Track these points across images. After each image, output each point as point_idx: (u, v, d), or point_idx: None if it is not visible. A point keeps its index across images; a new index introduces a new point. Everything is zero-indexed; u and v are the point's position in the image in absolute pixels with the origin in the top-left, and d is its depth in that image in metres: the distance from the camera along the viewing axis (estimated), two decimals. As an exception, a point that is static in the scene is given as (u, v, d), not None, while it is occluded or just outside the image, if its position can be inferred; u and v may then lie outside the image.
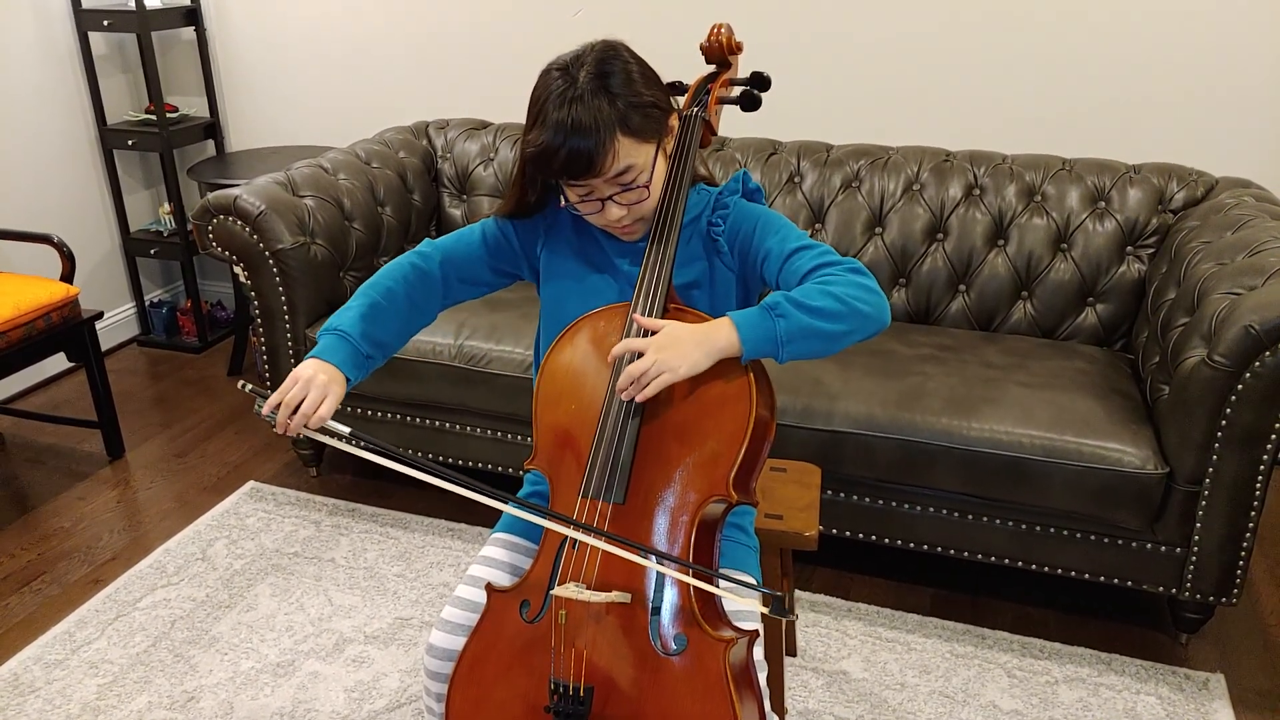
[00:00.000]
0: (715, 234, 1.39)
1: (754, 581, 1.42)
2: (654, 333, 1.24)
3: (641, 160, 1.28)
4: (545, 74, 1.29)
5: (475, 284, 1.48)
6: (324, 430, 1.28)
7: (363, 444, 1.28)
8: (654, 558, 1.22)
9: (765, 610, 1.18)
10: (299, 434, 1.28)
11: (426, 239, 1.48)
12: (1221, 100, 2.59)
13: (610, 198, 1.30)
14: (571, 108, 1.23)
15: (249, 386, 1.30)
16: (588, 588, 1.23)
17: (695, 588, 1.23)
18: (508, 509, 1.31)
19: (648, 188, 1.30)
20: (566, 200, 1.33)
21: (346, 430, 1.29)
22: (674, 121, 1.35)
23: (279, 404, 1.27)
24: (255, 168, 3.14)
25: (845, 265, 1.28)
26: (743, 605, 1.36)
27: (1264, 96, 2.56)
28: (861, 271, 1.28)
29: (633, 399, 1.25)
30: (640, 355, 1.23)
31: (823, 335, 1.23)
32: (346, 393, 1.32)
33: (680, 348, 1.22)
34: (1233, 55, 2.54)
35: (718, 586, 1.25)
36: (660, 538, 1.25)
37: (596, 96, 1.23)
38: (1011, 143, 2.69)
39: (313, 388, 1.27)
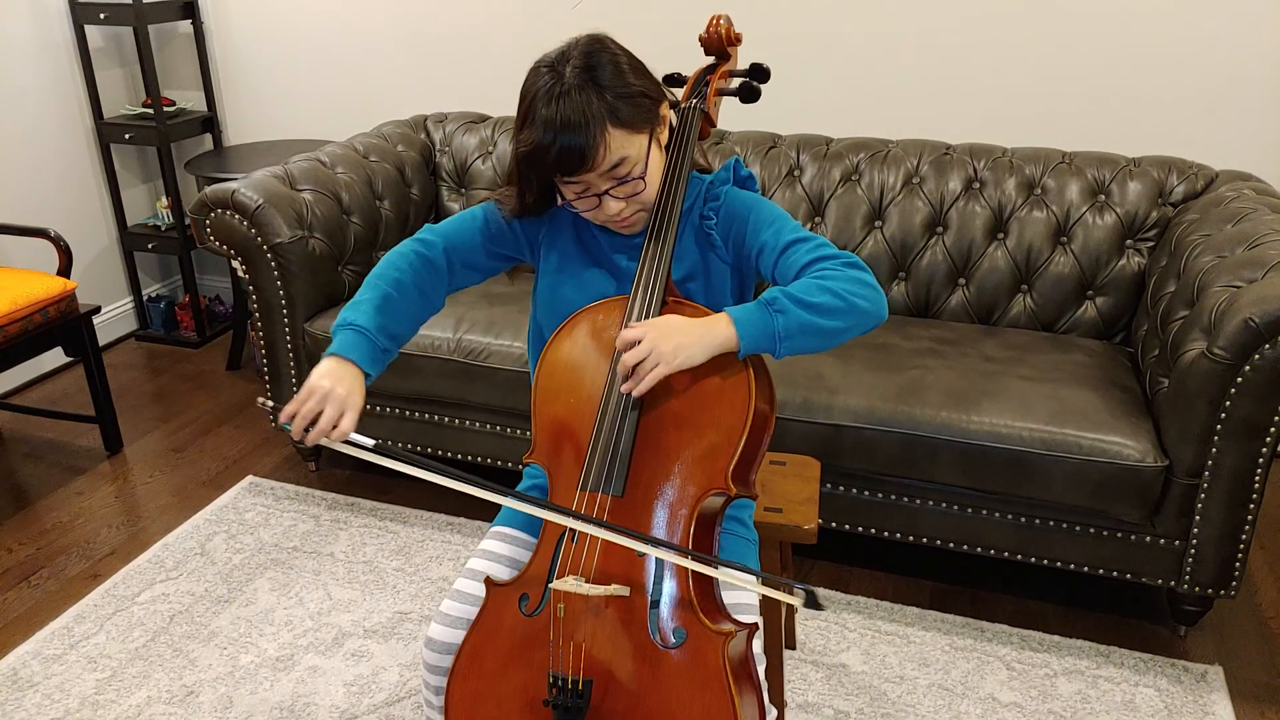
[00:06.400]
0: (708, 228, 1.37)
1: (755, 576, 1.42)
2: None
3: (635, 151, 1.27)
4: (533, 71, 1.27)
5: (478, 270, 1.46)
6: (348, 443, 1.24)
7: (387, 454, 1.23)
8: (651, 545, 1.22)
9: (799, 605, 1.17)
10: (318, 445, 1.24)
11: (427, 225, 1.45)
12: (1222, 93, 2.58)
13: (606, 192, 1.28)
14: (560, 103, 1.22)
15: (269, 404, 1.27)
16: (587, 581, 1.23)
17: (695, 585, 1.22)
18: (532, 509, 1.29)
19: (643, 179, 1.29)
20: (564, 199, 1.32)
21: (371, 442, 1.24)
22: (665, 110, 1.33)
23: (295, 414, 1.23)
24: (253, 162, 3.13)
25: (842, 259, 1.27)
26: (742, 598, 1.36)
27: (1264, 90, 2.55)
28: (859, 265, 1.27)
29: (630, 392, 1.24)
30: (637, 344, 1.23)
31: (820, 331, 1.23)
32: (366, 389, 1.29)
33: (675, 339, 1.22)
34: (1233, 48, 2.53)
35: (719, 569, 1.24)
36: (659, 530, 1.25)
37: (584, 91, 1.22)
38: (1011, 136, 2.69)
39: (330, 402, 1.23)
